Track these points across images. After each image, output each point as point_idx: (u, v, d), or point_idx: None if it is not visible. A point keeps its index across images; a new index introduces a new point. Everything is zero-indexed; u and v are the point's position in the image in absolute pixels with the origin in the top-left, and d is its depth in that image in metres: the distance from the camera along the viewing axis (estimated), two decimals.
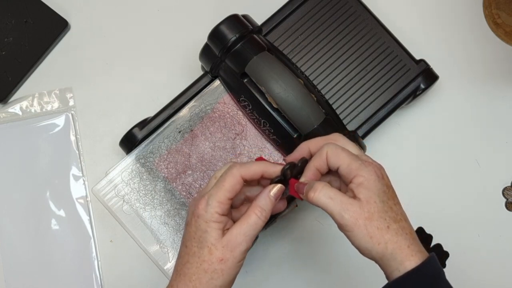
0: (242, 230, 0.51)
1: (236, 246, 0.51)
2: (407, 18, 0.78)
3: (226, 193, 0.52)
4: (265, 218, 0.52)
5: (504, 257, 0.74)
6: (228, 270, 0.51)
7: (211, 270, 0.51)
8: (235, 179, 0.52)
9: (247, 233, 0.51)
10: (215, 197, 0.52)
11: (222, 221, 0.52)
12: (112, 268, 0.74)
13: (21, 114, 0.77)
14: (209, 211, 0.51)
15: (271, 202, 0.52)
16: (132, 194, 0.69)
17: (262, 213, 0.52)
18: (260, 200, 0.52)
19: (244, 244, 0.51)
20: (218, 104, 0.70)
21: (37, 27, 0.77)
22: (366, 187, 0.50)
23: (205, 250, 0.51)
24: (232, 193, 0.52)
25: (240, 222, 0.52)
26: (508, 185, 0.75)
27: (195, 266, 0.52)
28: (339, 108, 0.71)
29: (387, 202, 0.51)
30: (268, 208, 0.52)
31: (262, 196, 0.52)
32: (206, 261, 0.51)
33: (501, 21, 0.69)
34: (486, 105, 0.77)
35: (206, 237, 0.51)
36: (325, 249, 0.74)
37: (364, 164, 0.51)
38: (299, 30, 0.73)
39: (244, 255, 0.52)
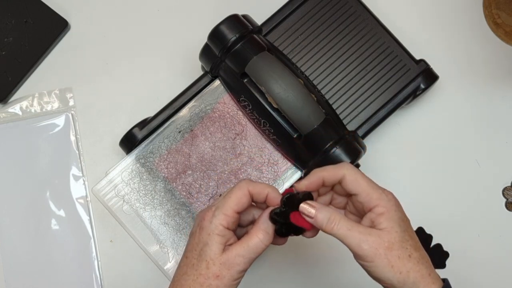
0: (242, 251, 0.51)
1: (234, 265, 0.51)
2: (407, 18, 0.78)
3: (232, 205, 0.52)
4: (267, 242, 0.52)
5: (504, 257, 0.74)
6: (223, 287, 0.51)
7: (206, 285, 0.51)
8: (241, 192, 0.52)
9: (246, 255, 0.51)
10: (221, 209, 0.52)
11: (225, 235, 0.52)
12: (112, 268, 0.74)
13: (21, 114, 0.77)
14: (214, 222, 0.51)
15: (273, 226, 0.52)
16: (132, 194, 0.69)
17: (265, 236, 0.52)
18: (264, 224, 0.52)
19: (242, 265, 0.51)
20: (218, 104, 0.70)
21: (37, 27, 0.77)
22: (387, 217, 0.51)
23: (203, 264, 0.51)
24: (239, 206, 0.52)
25: (241, 242, 0.52)
26: (508, 185, 0.75)
27: (191, 279, 0.52)
28: (339, 108, 0.71)
29: (407, 231, 0.51)
30: (271, 232, 0.52)
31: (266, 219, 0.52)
32: (203, 275, 0.51)
33: (501, 21, 0.69)
34: (486, 105, 0.77)
35: (206, 250, 0.51)
36: (325, 249, 0.74)
37: (385, 193, 0.52)
38: (299, 30, 0.73)
39: (241, 275, 0.52)
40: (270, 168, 0.69)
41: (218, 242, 0.51)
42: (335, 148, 0.64)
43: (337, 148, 0.64)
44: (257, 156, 0.69)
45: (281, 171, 0.69)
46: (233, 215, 0.52)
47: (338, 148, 0.64)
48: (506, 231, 0.74)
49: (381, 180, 0.74)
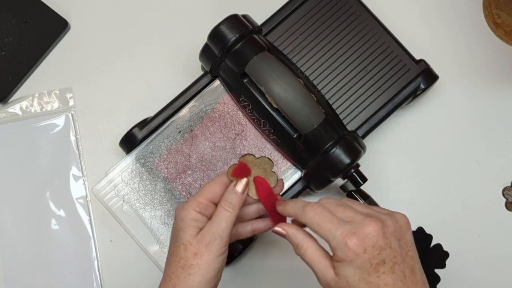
0: (213, 225, 0.53)
1: (210, 240, 0.52)
2: (407, 18, 0.78)
3: (204, 192, 0.55)
4: (232, 210, 0.54)
5: (504, 257, 0.74)
6: (205, 265, 0.52)
7: (188, 266, 0.52)
8: (214, 182, 0.56)
9: (218, 227, 0.53)
10: (194, 197, 0.55)
11: (198, 219, 0.54)
12: (112, 268, 0.74)
13: (21, 114, 0.77)
14: (186, 208, 0.54)
15: (237, 195, 0.55)
16: (132, 194, 0.69)
17: (228, 206, 0.54)
18: (226, 195, 0.55)
19: (219, 238, 0.53)
20: (218, 104, 0.70)
21: (37, 27, 0.77)
22: (342, 266, 0.49)
23: (181, 248, 0.53)
24: (211, 194, 0.55)
25: (211, 219, 0.54)
26: (508, 185, 0.75)
27: (173, 265, 0.53)
28: (339, 108, 0.71)
29: (365, 279, 0.49)
30: (235, 201, 0.55)
31: (228, 191, 0.55)
32: (183, 257, 0.53)
33: (501, 21, 0.69)
34: (486, 105, 0.77)
35: (181, 235, 0.53)
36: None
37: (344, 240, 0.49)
38: (299, 30, 0.73)
39: (222, 250, 0.53)
40: None
41: (192, 226, 0.53)
42: (335, 148, 0.64)
43: (337, 148, 0.64)
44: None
45: (281, 171, 0.69)
46: (206, 202, 0.55)
47: (338, 148, 0.64)
48: (506, 231, 0.74)
49: (381, 180, 0.75)
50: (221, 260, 0.53)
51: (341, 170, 0.64)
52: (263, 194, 0.57)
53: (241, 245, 0.68)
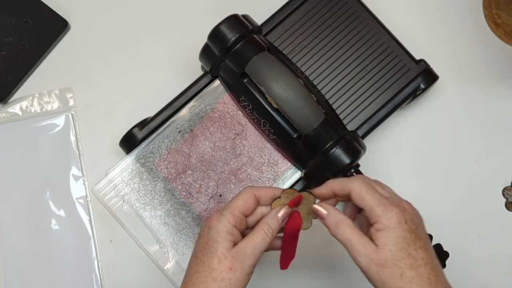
0: (250, 243, 0.54)
1: (245, 258, 0.53)
2: (407, 18, 0.78)
3: (239, 205, 0.55)
4: (271, 235, 0.55)
5: (504, 257, 0.74)
6: (236, 281, 0.53)
7: (220, 279, 0.52)
8: (247, 195, 0.56)
9: (255, 246, 0.54)
10: (229, 210, 0.55)
11: (234, 233, 0.54)
12: (112, 268, 0.74)
13: (21, 114, 0.77)
14: (222, 221, 0.54)
15: (277, 221, 0.55)
16: (132, 194, 0.69)
17: (269, 230, 0.55)
18: (268, 219, 0.55)
19: (253, 257, 0.54)
20: (218, 104, 0.70)
21: (37, 27, 0.77)
22: (384, 235, 0.52)
23: (215, 260, 0.53)
24: (245, 207, 0.55)
25: (249, 236, 0.54)
26: (508, 185, 0.75)
27: (203, 275, 0.53)
28: (339, 108, 0.71)
29: (406, 249, 0.52)
30: (274, 226, 0.55)
31: (270, 215, 0.56)
32: (216, 269, 0.53)
33: (501, 21, 0.69)
34: (486, 105, 0.77)
35: (217, 247, 0.53)
36: (325, 249, 0.74)
37: (387, 209, 0.52)
38: (299, 30, 0.73)
39: (252, 269, 0.54)
40: (270, 168, 0.69)
41: (228, 239, 0.53)
42: (335, 148, 0.64)
43: (337, 148, 0.64)
44: (257, 156, 0.69)
45: (281, 171, 0.69)
46: (240, 216, 0.55)
47: (338, 148, 0.64)
48: (506, 231, 0.74)
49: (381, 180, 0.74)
50: (248, 278, 0.54)
51: (341, 170, 0.64)
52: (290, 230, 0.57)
53: None
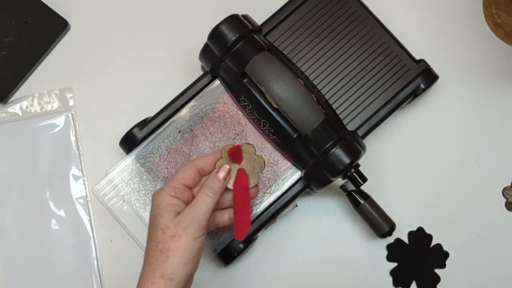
0: (192, 208, 0.55)
1: (188, 223, 0.54)
2: (407, 18, 0.78)
3: (178, 177, 0.57)
4: (213, 195, 0.56)
5: (504, 257, 0.74)
6: (183, 247, 0.53)
7: (166, 249, 0.53)
8: (186, 167, 0.58)
9: (197, 210, 0.55)
10: (168, 183, 0.57)
11: (175, 203, 0.55)
12: (112, 268, 0.74)
13: (21, 114, 0.77)
14: (161, 194, 0.56)
15: (218, 181, 0.57)
16: (132, 194, 0.69)
17: (210, 190, 0.56)
18: (208, 180, 0.57)
19: (197, 221, 0.54)
20: (218, 104, 0.70)
21: (37, 27, 0.77)
22: None
23: (158, 233, 0.54)
24: (185, 178, 0.57)
25: (191, 204, 0.56)
26: (508, 185, 0.75)
27: (152, 250, 0.54)
28: (339, 108, 0.71)
29: None
30: (216, 186, 0.57)
31: (210, 176, 0.58)
32: (161, 241, 0.54)
33: (501, 21, 0.69)
34: (486, 105, 0.77)
35: (159, 220, 0.55)
36: (325, 249, 0.74)
37: None
38: (299, 30, 0.73)
39: (199, 233, 0.54)
40: (270, 168, 0.69)
41: (169, 210, 0.55)
42: (335, 148, 0.64)
43: (337, 148, 0.64)
44: None
45: (281, 171, 0.69)
46: (181, 187, 0.57)
47: (338, 148, 0.64)
48: (506, 231, 0.74)
49: (381, 180, 0.75)
50: (199, 242, 0.54)
51: (341, 170, 0.64)
52: (238, 189, 0.59)
53: (241, 245, 0.68)
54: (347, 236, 0.74)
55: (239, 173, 0.59)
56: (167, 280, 0.53)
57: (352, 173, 0.66)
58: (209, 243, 0.68)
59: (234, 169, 0.59)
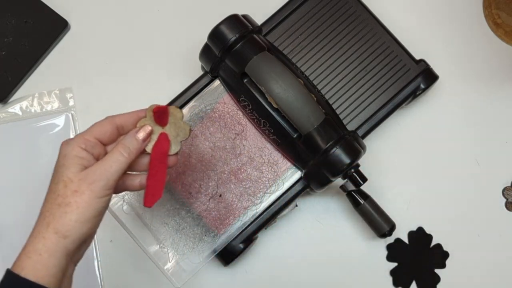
0: (102, 164, 0.50)
1: (95, 180, 0.49)
2: (407, 18, 0.78)
3: (93, 130, 0.52)
4: (128, 155, 0.51)
5: (504, 257, 0.74)
6: (84, 204, 0.49)
7: (65, 204, 0.49)
8: (104, 120, 0.53)
9: (107, 168, 0.50)
10: (81, 133, 0.52)
11: (84, 156, 0.50)
12: (112, 268, 0.74)
13: (21, 114, 0.77)
14: (70, 143, 0.51)
15: (136, 141, 0.53)
16: (132, 194, 0.69)
17: (125, 150, 0.52)
18: (126, 139, 0.53)
19: (104, 179, 0.50)
20: (218, 104, 0.70)
21: (37, 27, 0.77)
22: None
23: (60, 185, 0.49)
24: (100, 132, 0.52)
25: (102, 160, 0.51)
26: (508, 185, 0.75)
27: (50, 202, 0.50)
28: (339, 108, 0.71)
29: None
30: (132, 146, 0.52)
31: (128, 135, 0.53)
32: (61, 195, 0.49)
33: (501, 21, 0.69)
34: (486, 105, 0.77)
35: (63, 171, 0.50)
36: (325, 249, 0.74)
37: None
38: (299, 30, 0.73)
39: (105, 192, 0.50)
40: (270, 168, 0.69)
41: (76, 163, 0.50)
42: (335, 148, 0.64)
43: (337, 148, 0.64)
44: (257, 156, 0.69)
45: (281, 171, 0.69)
46: (94, 140, 0.52)
47: (338, 148, 0.64)
48: (506, 231, 0.74)
49: (381, 180, 0.75)
50: (103, 201, 0.50)
51: (341, 170, 0.64)
52: (156, 153, 0.54)
53: (241, 245, 0.68)
54: (347, 236, 0.74)
55: (160, 137, 0.54)
56: (61, 237, 0.48)
57: (352, 173, 0.66)
58: (209, 243, 0.68)
59: (157, 132, 0.55)
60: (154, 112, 0.54)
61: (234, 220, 0.68)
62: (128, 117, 0.54)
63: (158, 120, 0.55)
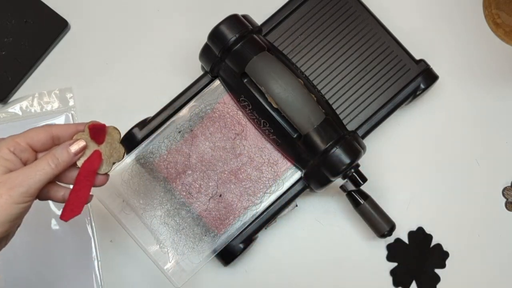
0: (26, 171, 0.50)
1: (15, 185, 0.48)
2: (407, 18, 0.78)
3: (27, 135, 0.51)
4: (55, 167, 0.51)
5: (504, 257, 0.74)
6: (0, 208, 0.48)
7: None
8: (41, 128, 0.52)
9: (31, 175, 0.49)
10: (13, 136, 0.51)
11: (10, 159, 0.50)
12: (112, 268, 0.74)
13: (21, 114, 0.77)
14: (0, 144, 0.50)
15: (67, 154, 0.52)
16: (132, 194, 0.69)
17: (54, 160, 0.51)
18: (57, 150, 0.52)
19: (25, 186, 0.49)
20: (218, 104, 0.70)
21: (37, 27, 0.77)
22: None
23: None
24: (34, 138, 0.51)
25: (27, 166, 0.50)
26: (508, 185, 0.75)
27: None
28: (339, 108, 0.71)
29: None
30: (62, 159, 0.51)
31: (61, 146, 0.52)
32: None
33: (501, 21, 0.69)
34: (486, 105, 0.77)
35: None
36: (325, 249, 0.74)
37: None
38: (299, 30, 0.73)
39: (25, 199, 0.49)
40: (270, 168, 0.69)
41: (0, 165, 0.49)
42: (335, 148, 0.64)
43: (337, 148, 0.64)
44: (257, 156, 0.69)
45: (281, 171, 0.69)
46: (24, 145, 0.51)
47: (338, 148, 0.64)
48: (506, 231, 0.74)
49: (381, 180, 0.75)
50: (20, 208, 0.49)
51: (341, 170, 0.64)
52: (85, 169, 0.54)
53: (241, 245, 0.68)
54: (347, 236, 0.74)
55: (93, 154, 0.54)
56: None
57: (352, 173, 0.66)
58: (209, 243, 0.68)
59: (91, 148, 0.54)
60: (90, 128, 0.54)
61: (234, 220, 0.68)
62: (66, 128, 0.54)
63: (94, 137, 0.54)
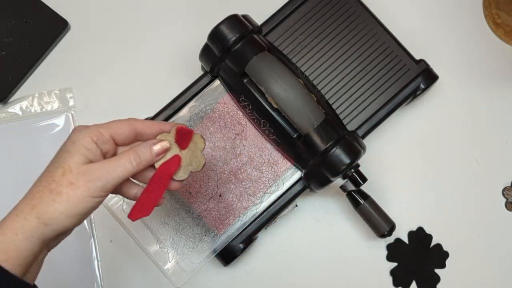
0: (107, 165, 0.48)
1: (94, 178, 0.47)
2: (407, 18, 0.78)
3: (111, 125, 0.50)
4: (136, 164, 0.49)
5: (504, 257, 0.74)
6: (76, 199, 0.46)
7: (57, 192, 0.46)
8: (125, 121, 0.51)
9: (110, 170, 0.48)
10: (97, 126, 0.50)
11: (91, 148, 0.48)
12: (112, 268, 0.74)
13: (21, 114, 0.77)
14: (83, 131, 0.49)
15: (149, 153, 0.50)
16: None
17: (136, 158, 0.49)
18: (140, 148, 0.50)
19: (104, 181, 0.47)
20: (218, 104, 0.70)
21: (37, 27, 0.77)
22: None
23: (59, 171, 0.47)
24: (117, 130, 0.50)
25: (109, 160, 0.49)
26: (508, 185, 0.75)
27: (42, 185, 0.47)
28: (339, 108, 0.71)
29: None
30: (144, 158, 0.50)
31: (144, 144, 0.51)
32: (56, 181, 0.47)
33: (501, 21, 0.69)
34: (486, 105, 0.77)
35: (65, 157, 0.48)
36: (325, 249, 0.74)
37: None
38: (299, 30, 0.73)
39: (100, 193, 0.48)
40: (270, 168, 0.69)
41: (81, 153, 0.48)
42: (335, 148, 0.64)
43: (337, 148, 0.64)
44: (257, 156, 0.69)
45: (281, 171, 0.69)
46: (107, 136, 0.50)
47: (338, 148, 0.64)
48: (506, 231, 0.74)
49: (381, 180, 0.75)
50: (94, 202, 0.48)
51: (341, 170, 0.64)
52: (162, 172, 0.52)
53: (241, 245, 0.68)
54: (347, 236, 0.74)
55: (173, 158, 0.52)
56: (41, 223, 0.46)
57: (352, 173, 0.66)
58: (209, 243, 0.68)
59: (172, 152, 0.52)
60: (177, 130, 0.52)
61: (234, 220, 0.68)
62: (151, 125, 0.52)
63: (179, 140, 0.53)
